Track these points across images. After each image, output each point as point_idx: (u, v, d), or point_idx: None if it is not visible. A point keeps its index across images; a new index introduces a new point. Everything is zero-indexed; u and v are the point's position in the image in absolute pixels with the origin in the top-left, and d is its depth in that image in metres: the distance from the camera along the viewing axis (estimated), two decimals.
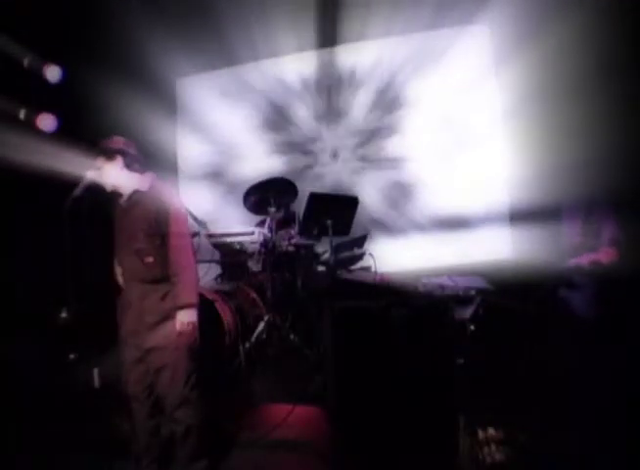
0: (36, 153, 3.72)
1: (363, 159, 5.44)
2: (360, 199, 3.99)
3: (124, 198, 2.44)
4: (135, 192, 2.42)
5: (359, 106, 5.41)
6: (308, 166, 5.59)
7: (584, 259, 3.45)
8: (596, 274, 3.39)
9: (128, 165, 2.40)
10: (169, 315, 2.29)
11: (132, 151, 2.45)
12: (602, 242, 3.44)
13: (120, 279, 2.48)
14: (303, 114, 5.58)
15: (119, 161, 2.39)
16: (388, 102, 5.33)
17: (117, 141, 2.46)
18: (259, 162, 5.69)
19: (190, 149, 5.94)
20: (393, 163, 5.34)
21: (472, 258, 4.74)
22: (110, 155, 2.39)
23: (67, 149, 3.36)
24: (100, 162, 2.40)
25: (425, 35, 5.05)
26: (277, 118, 5.67)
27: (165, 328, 2.28)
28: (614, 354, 2.96)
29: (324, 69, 5.45)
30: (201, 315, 2.39)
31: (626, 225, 3.40)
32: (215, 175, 5.88)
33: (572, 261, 3.49)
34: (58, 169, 3.29)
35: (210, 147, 5.89)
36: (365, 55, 5.31)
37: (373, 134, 5.40)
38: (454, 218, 5.01)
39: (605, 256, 3.40)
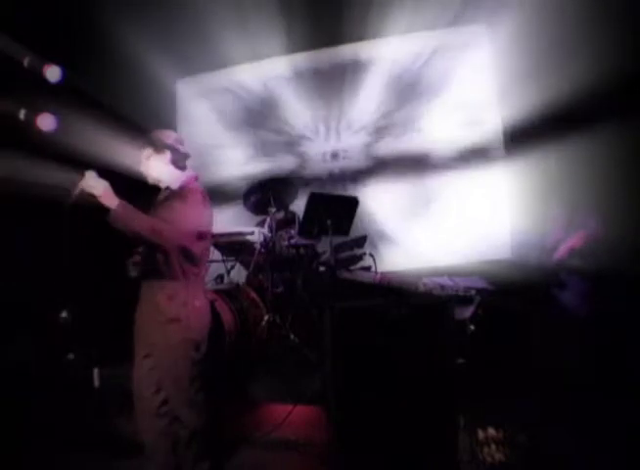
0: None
1: (366, 158, 5.44)
2: (361, 200, 3.99)
3: (161, 193, 2.42)
4: (166, 189, 2.40)
5: (359, 105, 5.41)
6: (308, 167, 5.59)
7: (561, 251, 3.54)
8: (577, 267, 3.47)
9: (174, 162, 2.36)
10: (175, 318, 2.24)
11: (182, 148, 2.41)
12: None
13: (133, 273, 2.44)
14: (303, 113, 5.57)
15: (167, 155, 2.35)
16: (388, 101, 5.32)
17: (170, 135, 2.42)
18: (257, 162, 5.69)
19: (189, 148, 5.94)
20: (396, 162, 5.34)
21: (472, 258, 4.74)
22: (159, 148, 2.35)
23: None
24: (147, 153, 2.36)
25: (429, 34, 5.06)
26: (276, 118, 5.67)
27: (170, 330, 2.23)
28: (610, 352, 2.97)
29: (326, 67, 5.44)
30: None
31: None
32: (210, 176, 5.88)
33: (554, 257, 3.57)
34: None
35: (210, 147, 5.89)
36: (368, 52, 5.31)
37: (373, 134, 5.40)
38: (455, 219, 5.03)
39: (576, 240, 3.49)
